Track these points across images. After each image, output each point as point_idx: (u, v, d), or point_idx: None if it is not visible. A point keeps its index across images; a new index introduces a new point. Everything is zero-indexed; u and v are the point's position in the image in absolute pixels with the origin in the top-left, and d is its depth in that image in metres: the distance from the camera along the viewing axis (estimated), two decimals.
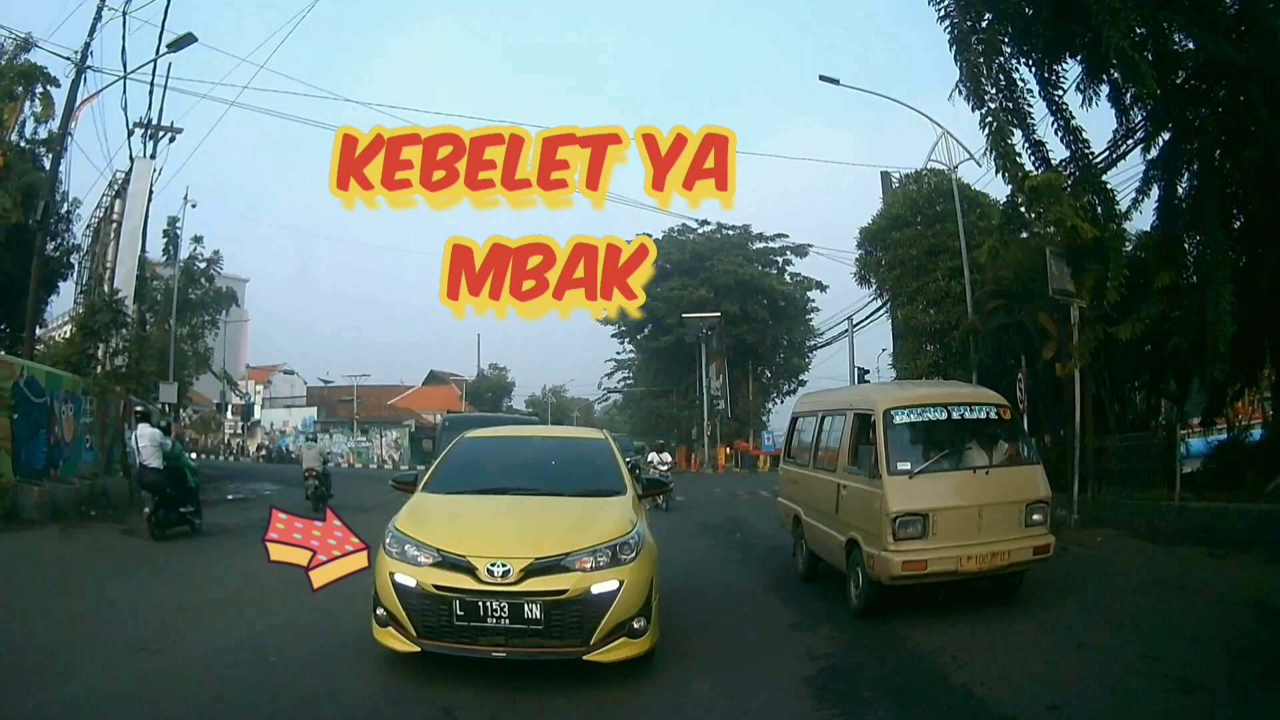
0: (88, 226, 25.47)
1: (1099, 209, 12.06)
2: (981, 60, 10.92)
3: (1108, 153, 13.68)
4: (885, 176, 27.41)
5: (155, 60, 19.77)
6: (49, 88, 18.01)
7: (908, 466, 7.36)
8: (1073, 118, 11.76)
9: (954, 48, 10.95)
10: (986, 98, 10.97)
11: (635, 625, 5.47)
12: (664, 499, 18.77)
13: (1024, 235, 15.48)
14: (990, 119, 10.98)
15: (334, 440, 63.66)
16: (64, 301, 26.40)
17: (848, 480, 8.13)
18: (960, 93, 11.17)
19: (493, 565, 5.27)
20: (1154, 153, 13.23)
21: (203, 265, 31.56)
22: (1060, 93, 11.67)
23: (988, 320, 17.68)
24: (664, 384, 50.68)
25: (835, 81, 21.89)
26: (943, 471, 7.54)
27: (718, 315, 43.43)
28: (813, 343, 47.60)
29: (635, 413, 61.28)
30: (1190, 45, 11.47)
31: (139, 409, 16.38)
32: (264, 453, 64.18)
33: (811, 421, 9.87)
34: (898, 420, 7.67)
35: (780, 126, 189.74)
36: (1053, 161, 12.46)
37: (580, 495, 6.37)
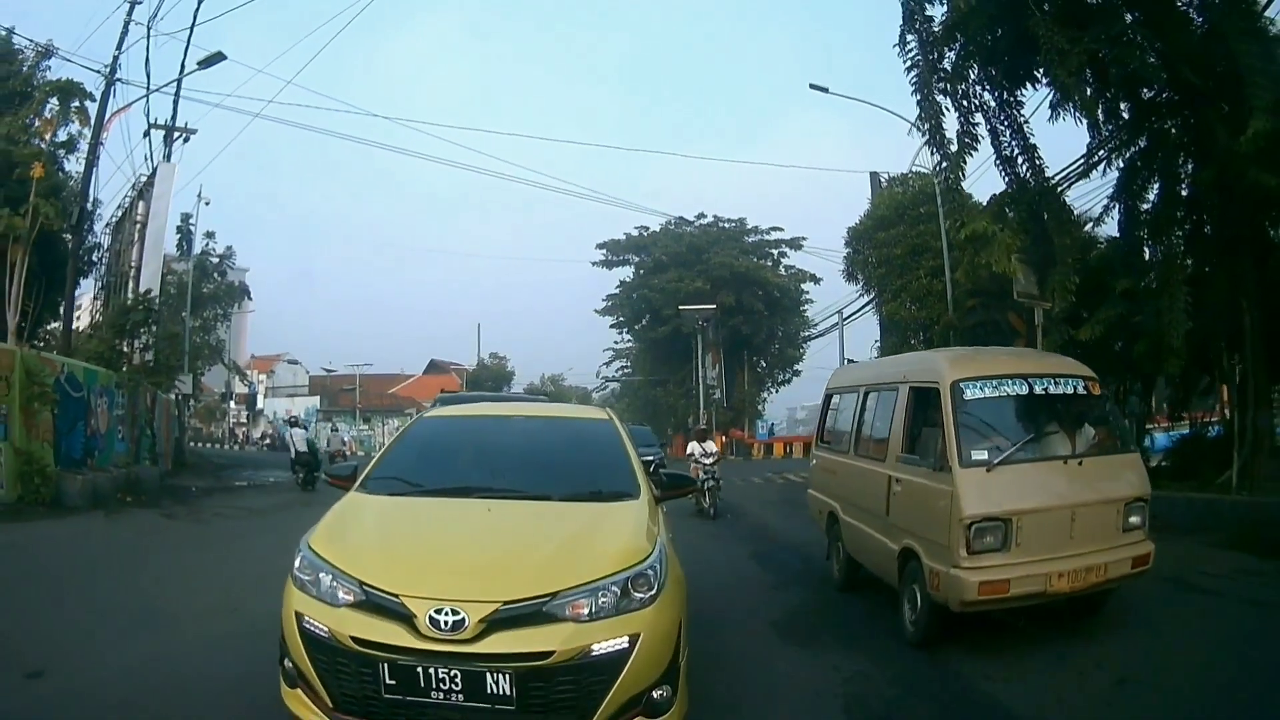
0: (106, 225, 26.62)
1: (1061, 217, 12.97)
2: (943, 110, 11.84)
3: (1083, 161, 14.63)
4: (874, 177, 28.55)
5: (180, 80, 20.77)
6: (85, 102, 19.07)
7: (984, 456, 5.91)
8: (1032, 135, 12.72)
9: (917, 95, 11.93)
10: (944, 142, 11.94)
11: (656, 696, 3.86)
12: (708, 501, 15.00)
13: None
14: (945, 164, 11.96)
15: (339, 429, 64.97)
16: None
17: (902, 473, 6.64)
18: (920, 135, 12.17)
19: (439, 612, 3.60)
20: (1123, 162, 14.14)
21: (216, 260, 32.67)
22: (1022, 116, 12.65)
23: (964, 318, 18.82)
24: (661, 373, 51.71)
25: (824, 90, 23.03)
26: (1027, 462, 6.05)
27: (713, 307, 44.47)
28: (806, 334, 48.81)
29: (633, 401, 62.36)
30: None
31: (291, 416, 28.11)
32: (268, 441, 65.24)
33: (851, 399, 8.29)
34: (970, 395, 6.20)
35: (781, 117, 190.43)
36: (1019, 175, 13.37)
37: (576, 499, 4.75)
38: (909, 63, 11.93)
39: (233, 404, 64.30)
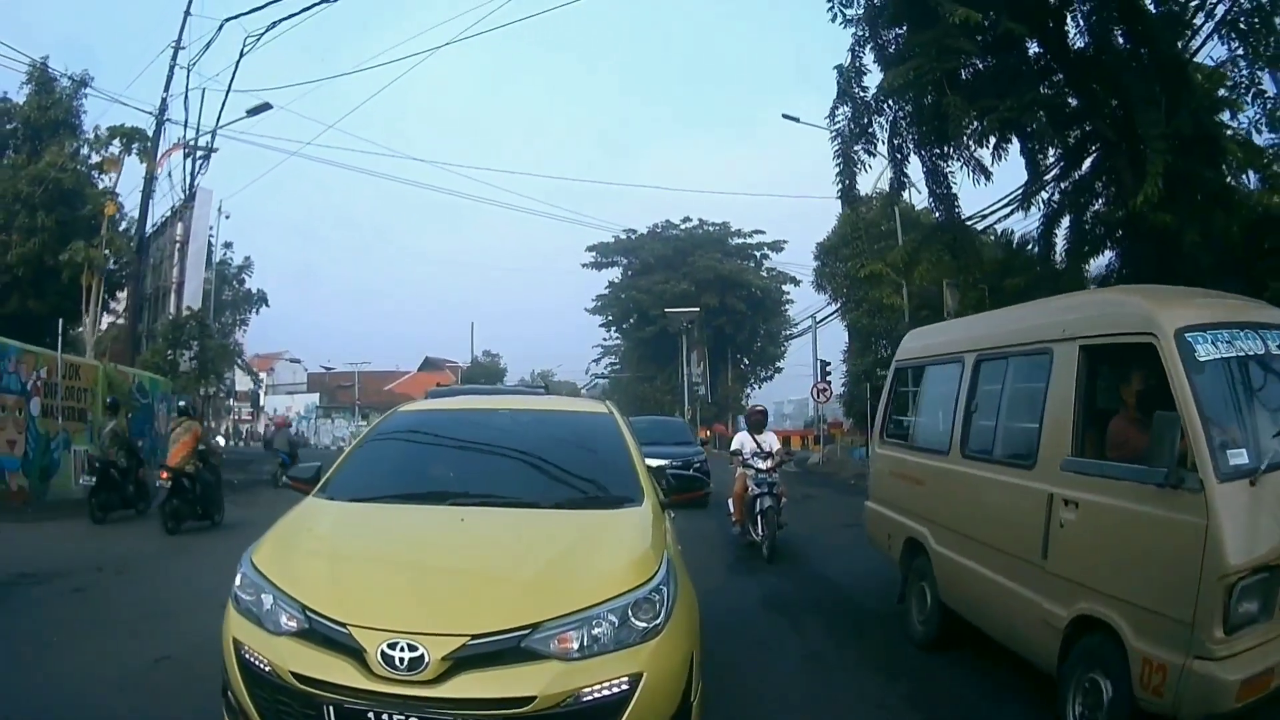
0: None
1: (972, 254, 15.67)
2: (862, 168, 14.40)
3: (1023, 190, 17.07)
4: None
5: (216, 131, 23.04)
6: (146, 144, 21.45)
7: (1244, 461, 3.67)
8: (956, 185, 15.23)
9: (838, 160, 14.29)
10: (855, 199, 14.60)
11: None
12: (760, 530, 10.15)
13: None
14: (859, 222, 14.62)
15: (335, 424, 67.75)
16: None
17: (1081, 490, 4.34)
18: (838, 194, 14.77)
19: (393, 647, 3.07)
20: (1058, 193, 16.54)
21: (235, 270, 35.16)
22: (948, 167, 15.17)
23: (915, 328, 21.53)
24: (648, 370, 54.34)
25: (796, 120, 25.57)
26: None
27: (697, 310, 47.07)
28: (788, 333, 51.53)
29: (621, 397, 64.92)
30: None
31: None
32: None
33: (949, 373, 6.02)
34: (1203, 355, 3.93)
35: (774, 104, 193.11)
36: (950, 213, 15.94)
37: (568, 506, 4.19)
38: (833, 133, 14.34)
39: (233, 401, 66.35)
